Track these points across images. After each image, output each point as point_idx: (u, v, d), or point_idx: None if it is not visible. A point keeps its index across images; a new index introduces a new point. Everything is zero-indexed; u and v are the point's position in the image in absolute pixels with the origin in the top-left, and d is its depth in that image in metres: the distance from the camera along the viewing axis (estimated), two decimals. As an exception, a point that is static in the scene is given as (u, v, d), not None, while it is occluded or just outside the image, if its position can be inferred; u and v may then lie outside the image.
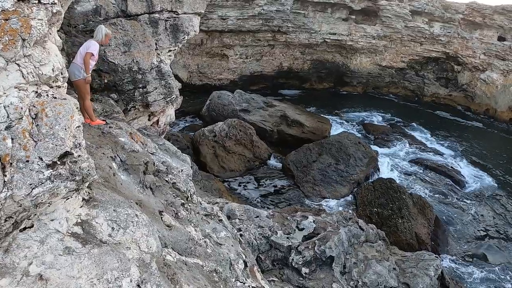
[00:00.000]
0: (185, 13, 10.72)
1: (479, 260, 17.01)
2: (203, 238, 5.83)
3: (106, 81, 8.89)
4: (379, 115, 32.56)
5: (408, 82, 37.81)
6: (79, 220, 3.44)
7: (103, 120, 7.00)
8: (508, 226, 19.54)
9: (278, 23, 33.33)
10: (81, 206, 3.55)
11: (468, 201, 21.20)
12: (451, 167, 24.62)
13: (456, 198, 21.35)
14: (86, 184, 3.51)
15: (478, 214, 20.14)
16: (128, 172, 5.36)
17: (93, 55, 6.67)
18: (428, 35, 34.71)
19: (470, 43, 33.88)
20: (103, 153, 5.14)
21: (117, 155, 5.40)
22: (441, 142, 28.57)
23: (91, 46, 6.69)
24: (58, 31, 9.35)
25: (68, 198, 3.40)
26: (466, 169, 24.80)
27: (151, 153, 6.66)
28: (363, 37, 35.35)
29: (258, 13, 32.11)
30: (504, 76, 32.59)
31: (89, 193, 3.72)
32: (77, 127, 3.40)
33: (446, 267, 14.68)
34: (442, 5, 33.67)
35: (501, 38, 32.87)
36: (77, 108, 3.47)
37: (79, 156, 3.31)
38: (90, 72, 6.86)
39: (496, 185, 23.30)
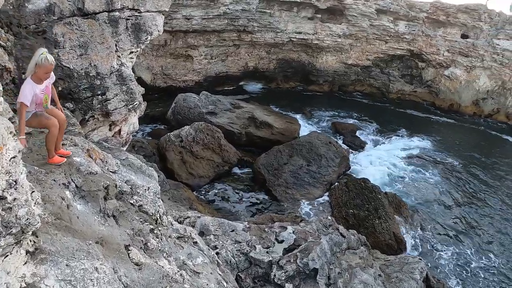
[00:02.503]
0: (148, 11, 9.79)
1: (455, 249, 17.20)
2: (178, 271, 5.01)
3: (60, 88, 7.90)
4: (346, 113, 32.44)
5: (374, 80, 37.94)
6: (23, 284, 2.57)
7: (61, 157, 5.16)
8: (478, 211, 20.14)
9: (243, 22, 32.63)
10: (25, 263, 2.68)
11: (440, 194, 21.32)
12: (419, 159, 24.78)
13: (428, 192, 21.36)
14: (29, 234, 2.65)
15: (450, 207, 20.33)
16: (86, 200, 4.47)
17: (26, 105, 4.70)
18: (393, 33, 34.88)
19: (434, 41, 34.30)
20: (54, 180, 4.24)
21: (72, 180, 4.50)
22: (409, 136, 28.75)
23: (22, 92, 4.72)
24: (6, 32, 8.33)
25: (7, 255, 2.53)
26: (435, 162, 24.93)
27: (112, 172, 5.76)
28: (329, 35, 35.13)
29: (223, 12, 31.31)
30: (468, 72, 33.23)
31: (34, 242, 2.85)
32: (11, 158, 2.54)
33: (427, 264, 14.49)
34: (407, 4, 33.94)
35: (464, 36, 33.57)
36: (11, 133, 2.60)
37: (14, 199, 2.46)
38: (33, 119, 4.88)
39: (466, 177, 23.66)
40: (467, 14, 32.68)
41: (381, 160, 24.45)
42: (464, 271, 15.96)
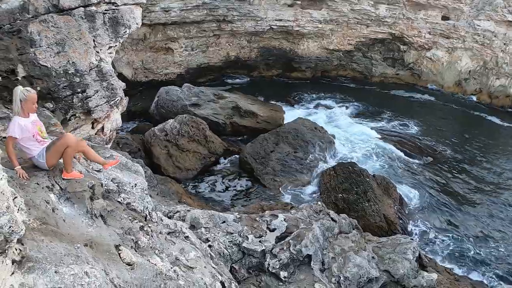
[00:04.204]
0: (125, 4, 9.55)
1: (443, 229, 17.46)
2: (172, 268, 4.94)
3: (38, 88, 7.68)
4: (330, 98, 32.48)
5: (356, 64, 37.97)
6: (12, 296, 2.46)
7: (80, 173, 5.16)
8: (464, 190, 20.42)
9: (223, 12, 32.28)
10: (12, 273, 2.56)
11: (426, 174, 21.60)
12: (405, 141, 24.94)
13: (415, 173, 21.66)
14: (14, 243, 2.53)
15: (437, 186, 20.60)
16: (72, 202, 4.34)
17: (14, 138, 4.73)
18: (374, 17, 34.85)
19: (415, 23, 34.44)
20: (37, 184, 4.10)
21: (56, 182, 4.37)
22: (394, 119, 28.94)
23: (9, 127, 4.83)
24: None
25: (-8, 266, 2.41)
26: (420, 143, 25.18)
27: (97, 171, 5.63)
28: (310, 22, 34.97)
29: (202, 2, 30.91)
30: (449, 53, 33.56)
31: (20, 250, 2.72)
32: (-11, 163, 2.41)
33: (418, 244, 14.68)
34: (387, -13, 33.91)
35: (445, 18, 33.74)
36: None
37: (-6, 207, 2.33)
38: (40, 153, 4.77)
39: (450, 155, 24.03)
40: (448, -4, 32.84)
41: (367, 143, 24.58)
42: (454, 250, 16.22)
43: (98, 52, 9.16)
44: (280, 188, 19.05)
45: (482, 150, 25.02)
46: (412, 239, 12.57)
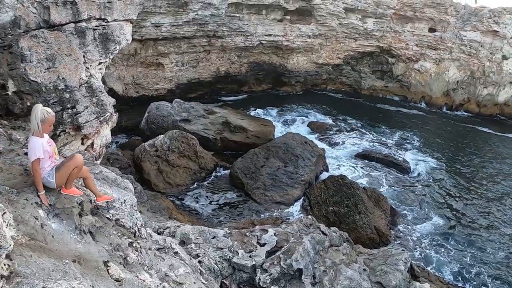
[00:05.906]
0: (115, 21, 9.61)
1: (436, 239, 17.52)
2: (161, 284, 4.93)
3: (28, 104, 7.68)
4: (320, 112, 32.72)
5: (345, 78, 38.48)
6: (-2, 311, 2.47)
7: (79, 190, 5.25)
8: (454, 203, 20.55)
9: (213, 27, 32.52)
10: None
11: (416, 186, 21.80)
12: (396, 155, 25.17)
13: (405, 185, 21.82)
14: (2, 258, 2.54)
15: (427, 197, 20.80)
16: (60, 218, 4.34)
17: (40, 158, 4.68)
18: (362, 31, 35.46)
19: (402, 36, 35.12)
20: (27, 199, 4.10)
21: (45, 198, 4.37)
22: (384, 132, 29.22)
23: (32, 148, 4.68)
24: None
25: (-23, 281, 2.42)
26: (410, 155, 25.47)
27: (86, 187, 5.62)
28: (299, 36, 35.45)
29: (192, 18, 31.09)
30: (437, 65, 34.20)
31: (9, 265, 2.73)
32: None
33: (410, 254, 14.73)
34: (374, 1, 34.64)
35: (431, 30, 34.51)
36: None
37: (-18, 223, 2.35)
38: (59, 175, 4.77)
39: (440, 166, 24.30)
40: (434, 8, 33.69)
41: (357, 157, 24.74)
42: (447, 260, 16.26)
43: (88, 68, 9.18)
44: (270, 203, 19.03)
45: (476, 161, 25.41)
46: (404, 250, 12.60)
